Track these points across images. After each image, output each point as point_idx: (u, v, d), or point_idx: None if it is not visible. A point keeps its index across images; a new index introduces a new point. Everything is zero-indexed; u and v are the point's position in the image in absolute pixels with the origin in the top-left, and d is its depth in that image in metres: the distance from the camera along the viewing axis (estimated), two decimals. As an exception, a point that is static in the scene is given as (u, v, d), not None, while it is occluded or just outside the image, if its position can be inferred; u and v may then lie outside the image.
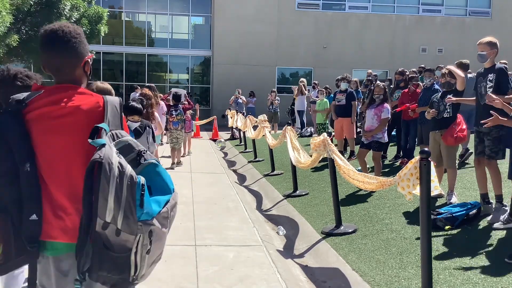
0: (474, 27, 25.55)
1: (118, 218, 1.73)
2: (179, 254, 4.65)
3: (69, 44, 1.99)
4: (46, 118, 1.90)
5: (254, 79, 24.14)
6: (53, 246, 1.90)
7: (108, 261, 1.77)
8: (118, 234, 1.74)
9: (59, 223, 1.89)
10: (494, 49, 4.96)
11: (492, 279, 3.71)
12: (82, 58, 2.04)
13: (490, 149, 4.88)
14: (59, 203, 1.89)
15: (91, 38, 16.67)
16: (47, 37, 1.99)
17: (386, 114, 7.12)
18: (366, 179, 4.37)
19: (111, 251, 1.76)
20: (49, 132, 1.90)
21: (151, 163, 1.88)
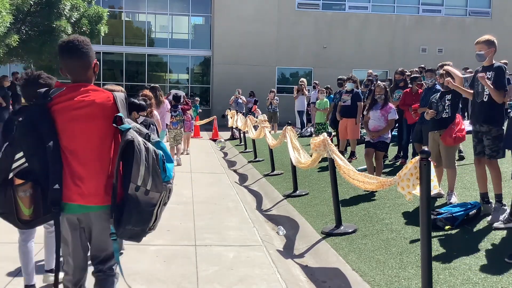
0: (474, 27, 25.53)
1: (148, 181, 2.36)
2: (179, 254, 4.66)
3: (83, 51, 2.52)
4: (68, 109, 2.44)
5: (254, 79, 24.14)
6: (71, 207, 2.44)
7: (136, 215, 2.37)
8: (147, 194, 2.37)
9: (77, 190, 2.43)
10: (491, 47, 4.95)
11: (492, 279, 3.71)
12: (92, 61, 2.58)
13: (491, 148, 4.87)
14: (78, 174, 2.44)
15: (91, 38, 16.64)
16: (65, 46, 2.52)
17: (393, 115, 7.13)
18: (366, 179, 4.37)
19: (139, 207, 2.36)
20: (71, 120, 2.44)
21: (157, 141, 2.55)
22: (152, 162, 2.39)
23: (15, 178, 2.38)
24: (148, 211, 2.42)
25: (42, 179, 2.41)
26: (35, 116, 2.40)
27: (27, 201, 2.41)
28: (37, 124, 2.39)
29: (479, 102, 4.99)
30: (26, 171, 2.40)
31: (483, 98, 4.94)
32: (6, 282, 3.83)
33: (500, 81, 4.79)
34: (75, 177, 2.43)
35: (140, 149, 2.35)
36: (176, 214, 6.20)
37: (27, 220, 2.46)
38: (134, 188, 2.34)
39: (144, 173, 2.35)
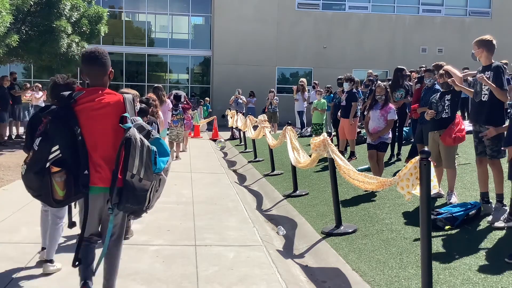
0: (474, 27, 25.53)
1: (141, 171, 2.90)
2: (179, 254, 4.66)
3: (102, 61, 3.12)
4: (89, 110, 3.00)
5: (254, 79, 24.15)
6: (93, 189, 3.02)
7: (132, 197, 2.92)
8: (140, 181, 2.92)
9: (98, 175, 3.02)
10: (481, 48, 4.97)
11: (492, 279, 3.71)
12: (108, 69, 3.17)
13: (491, 149, 4.88)
14: (97, 163, 3.02)
15: (91, 38, 16.62)
16: (88, 56, 3.13)
17: (393, 115, 7.11)
18: (366, 179, 4.37)
19: (135, 191, 2.91)
20: (90, 119, 3.00)
21: (156, 137, 3.14)
22: (145, 156, 2.93)
23: (52, 167, 2.91)
24: (142, 194, 2.97)
25: (73, 167, 2.96)
26: (64, 115, 2.96)
27: (62, 185, 2.97)
28: (67, 122, 2.95)
29: (478, 101, 5.00)
30: (60, 161, 2.91)
31: (482, 98, 4.95)
32: (6, 282, 3.83)
33: (498, 80, 4.79)
34: (96, 165, 3.02)
35: (136, 145, 2.89)
36: (176, 214, 6.20)
37: (60, 200, 3.02)
38: (130, 176, 2.89)
39: (138, 164, 2.90)
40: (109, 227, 3.06)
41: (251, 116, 13.17)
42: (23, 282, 3.83)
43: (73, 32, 14.90)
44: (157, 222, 5.79)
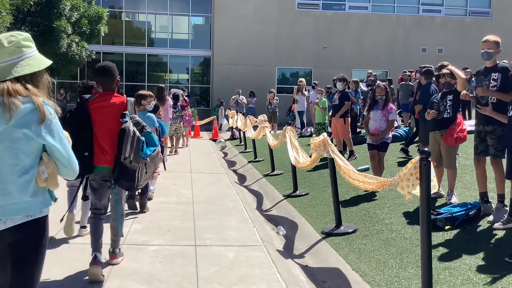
0: (474, 27, 25.54)
1: (132, 155, 3.77)
2: (179, 254, 4.66)
3: (110, 72, 4.07)
4: (100, 108, 3.96)
5: (254, 79, 24.14)
6: (98, 168, 3.96)
7: (125, 175, 3.83)
8: (130, 163, 3.79)
9: (103, 157, 3.94)
10: (499, 48, 4.96)
11: (492, 279, 3.71)
12: (116, 79, 4.11)
13: (495, 148, 4.86)
14: (104, 147, 3.94)
15: (91, 38, 16.65)
16: (100, 69, 4.07)
17: (394, 116, 7.10)
18: (366, 179, 4.37)
19: (127, 170, 3.80)
20: (101, 115, 3.95)
21: (148, 131, 4.01)
22: (135, 144, 3.81)
23: None
24: (132, 174, 3.86)
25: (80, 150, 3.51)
26: (78, 111, 3.93)
27: None
28: (79, 116, 3.90)
29: (484, 104, 4.98)
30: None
31: (489, 99, 4.93)
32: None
33: (508, 82, 4.79)
34: (102, 149, 3.93)
35: (129, 134, 3.77)
36: (176, 214, 6.20)
37: None
38: (123, 158, 3.79)
39: (129, 149, 3.78)
40: (115, 198, 4.14)
41: (251, 116, 13.17)
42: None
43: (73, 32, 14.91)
44: (157, 222, 5.79)
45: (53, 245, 4.76)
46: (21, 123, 2.13)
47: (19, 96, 2.12)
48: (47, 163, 2.23)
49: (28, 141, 2.16)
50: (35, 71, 2.22)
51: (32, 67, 2.22)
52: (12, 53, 2.20)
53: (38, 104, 2.14)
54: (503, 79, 4.82)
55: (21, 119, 2.12)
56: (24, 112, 2.13)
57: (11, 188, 2.15)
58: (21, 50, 2.22)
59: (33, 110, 2.14)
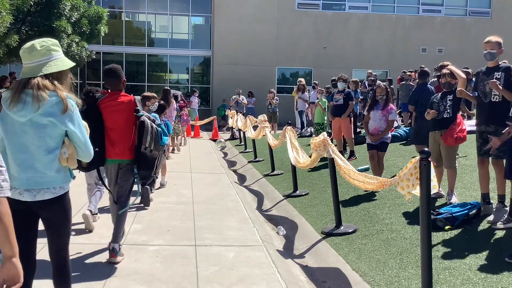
0: (474, 27, 25.54)
1: (152, 144, 4.20)
2: (179, 254, 4.66)
3: (117, 74, 4.45)
4: (109, 106, 4.35)
5: (254, 79, 24.14)
6: (109, 161, 4.38)
7: (146, 164, 4.25)
8: (151, 152, 4.21)
9: (113, 151, 4.32)
10: (501, 48, 4.96)
11: (492, 279, 3.71)
12: (122, 79, 4.47)
13: (497, 148, 4.85)
14: (113, 141, 4.29)
15: (91, 38, 16.62)
16: (108, 71, 4.46)
17: (394, 116, 7.10)
18: (366, 179, 4.37)
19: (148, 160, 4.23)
20: (110, 112, 4.34)
21: (159, 123, 4.47)
22: (154, 134, 4.26)
23: None
24: (151, 162, 4.30)
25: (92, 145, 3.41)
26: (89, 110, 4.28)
27: None
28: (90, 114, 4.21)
29: (488, 102, 4.97)
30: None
31: (491, 98, 4.92)
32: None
33: (510, 82, 4.79)
34: (113, 144, 4.29)
35: (148, 126, 4.21)
36: (176, 214, 6.20)
37: (85, 167, 3.85)
38: (144, 148, 4.20)
39: (149, 139, 4.21)
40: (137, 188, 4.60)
41: (251, 116, 13.18)
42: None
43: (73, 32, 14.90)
44: (157, 222, 5.79)
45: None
46: (47, 112, 2.61)
47: (46, 90, 2.60)
48: (68, 146, 2.71)
49: (53, 127, 2.64)
50: (60, 70, 2.72)
51: (58, 67, 2.71)
52: (43, 55, 2.68)
53: (62, 97, 2.63)
54: (506, 78, 4.81)
55: (48, 109, 2.60)
56: (51, 103, 2.61)
57: (38, 164, 2.65)
58: (50, 53, 2.71)
59: (58, 102, 2.63)
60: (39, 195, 2.64)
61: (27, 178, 2.64)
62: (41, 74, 2.65)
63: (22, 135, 2.64)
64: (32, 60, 2.68)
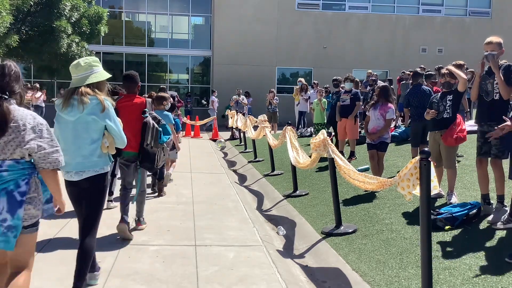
0: (474, 27, 25.54)
1: (152, 142, 4.93)
2: (179, 254, 4.66)
3: (134, 79, 5.20)
4: (126, 106, 5.01)
5: (254, 79, 24.14)
6: (125, 153, 4.78)
7: (148, 158, 4.96)
8: (151, 148, 4.95)
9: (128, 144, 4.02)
10: (502, 48, 4.96)
11: (492, 279, 3.71)
12: (137, 84, 5.23)
13: (497, 148, 4.84)
14: (128, 137, 4.00)
15: (91, 38, 16.64)
16: (127, 76, 5.19)
17: (391, 114, 7.09)
18: (366, 179, 4.37)
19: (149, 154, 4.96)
20: (126, 111, 4.91)
21: (163, 123, 5.27)
22: (155, 133, 4.99)
23: None
24: (152, 156, 5.01)
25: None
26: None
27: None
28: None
29: (489, 101, 4.96)
30: None
31: (494, 97, 4.92)
32: (6, 282, 3.83)
33: (509, 78, 4.79)
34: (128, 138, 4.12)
35: (149, 126, 4.95)
36: (176, 214, 6.20)
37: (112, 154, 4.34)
38: (145, 145, 4.94)
39: (150, 138, 4.94)
40: (139, 177, 5.24)
41: (251, 116, 13.18)
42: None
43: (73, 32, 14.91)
44: (157, 222, 5.79)
45: (54, 247, 4.76)
46: (90, 112, 3.45)
47: (88, 96, 3.43)
48: (107, 137, 3.57)
49: (95, 123, 3.49)
50: (99, 81, 3.56)
51: (97, 78, 3.55)
52: (86, 69, 3.52)
53: (100, 100, 3.47)
54: (504, 75, 4.81)
55: (90, 109, 3.44)
56: (92, 105, 3.44)
57: (85, 152, 3.49)
58: (92, 68, 3.54)
59: (98, 104, 3.47)
60: (84, 174, 3.49)
61: (76, 163, 3.48)
62: (84, 84, 3.47)
63: (73, 131, 3.50)
64: (78, 74, 3.52)
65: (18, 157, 2.73)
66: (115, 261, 4.41)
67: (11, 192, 2.70)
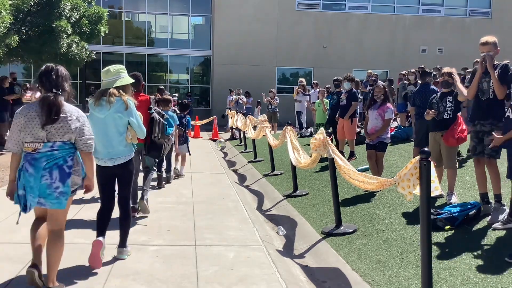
0: (474, 27, 25.54)
1: (159, 134, 5.55)
2: (179, 254, 4.66)
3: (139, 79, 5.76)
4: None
5: (254, 79, 24.14)
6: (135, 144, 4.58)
7: (156, 148, 5.59)
8: (158, 140, 5.56)
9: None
10: (498, 48, 4.95)
11: (492, 279, 3.71)
12: (141, 83, 5.95)
13: (491, 147, 4.86)
14: None
15: (91, 38, 16.62)
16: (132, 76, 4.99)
17: (390, 114, 7.07)
18: (366, 179, 4.37)
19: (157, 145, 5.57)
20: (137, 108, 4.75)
21: (167, 118, 6.24)
22: (161, 127, 5.56)
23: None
24: (159, 146, 5.60)
25: None
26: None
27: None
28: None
29: (484, 100, 4.96)
30: None
31: (490, 96, 4.92)
32: (7, 282, 3.84)
33: (505, 77, 4.79)
34: None
35: (156, 121, 5.51)
36: (176, 214, 6.20)
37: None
38: (153, 137, 5.47)
39: (157, 131, 5.50)
40: (147, 162, 6.27)
41: (251, 116, 13.18)
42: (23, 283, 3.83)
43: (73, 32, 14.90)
44: (157, 222, 5.79)
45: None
46: (116, 110, 4.22)
47: (114, 97, 4.21)
48: (130, 130, 4.34)
49: (120, 119, 4.26)
50: (124, 84, 4.38)
51: (123, 82, 4.36)
52: (114, 75, 4.33)
53: (124, 100, 4.24)
54: (501, 74, 4.81)
55: (116, 108, 4.21)
56: (118, 104, 4.22)
57: (114, 143, 4.27)
58: (119, 74, 4.36)
59: (122, 103, 4.24)
60: (116, 161, 4.30)
61: (107, 152, 4.28)
62: (112, 86, 4.26)
63: (103, 126, 4.25)
64: (107, 78, 4.30)
65: (66, 139, 3.54)
66: (115, 261, 4.41)
67: (61, 166, 3.53)
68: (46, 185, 3.47)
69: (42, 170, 3.46)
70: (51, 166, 3.49)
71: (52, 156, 3.49)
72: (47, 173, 3.48)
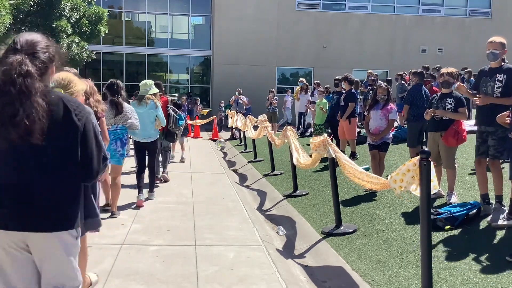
0: (474, 27, 25.54)
1: (173, 125, 8.08)
2: (179, 254, 4.66)
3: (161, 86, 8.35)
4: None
5: (254, 79, 24.14)
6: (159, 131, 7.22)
7: (170, 135, 8.18)
8: (172, 129, 8.09)
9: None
10: (505, 49, 4.93)
11: (492, 279, 3.71)
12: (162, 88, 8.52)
13: (495, 148, 4.84)
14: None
15: (91, 38, 16.64)
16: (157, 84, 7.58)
17: (394, 115, 7.05)
18: (373, 180, 4.35)
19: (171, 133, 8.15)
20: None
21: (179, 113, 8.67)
22: (175, 120, 7.95)
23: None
24: (173, 134, 8.09)
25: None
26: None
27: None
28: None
29: (489, 104, 4.95)
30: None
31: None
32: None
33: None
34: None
35: (172, 116, 7.88)
36: (176, 214, 6.20)
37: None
38: (169, 127, 7.85)
39: (172, 122, 7.89)
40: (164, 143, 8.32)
41: (251, 116, 13.17)
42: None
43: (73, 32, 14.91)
44: (157, 222, 5.79)
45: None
46: (150, 108, 6.70)
47: (148, 100, 6.72)
48: (157, 120, 6.75)
49: (152, 114, 6.70)
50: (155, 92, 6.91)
51: (153, 91, 6.89)
52: (148, 86, 6.90)
53: (155, 102, 6.76)
54: (508, 80, 4.79)
55: (150, 106, 6.70)
56: (151, 104, 6.71)
57: (148, 128, 6.65)
58: (151, 86, 6.93)
59: (153, 104, 6.74)
60: (148, 139, 6.70)
61: (144, 134, 6.59)
62: (147, 94, 6.73)
63: (142, 117, 6.39)
64: (145, 88, 6.83)
65: (124, 123, 5.89)
66: (115, 261, 4.41)
67: (121, 139, 5.89)
68: (112, 149, 5.69)
69: (111, 140, 5.59)
70: (115, 139, 5.81)
71: (116, 133, 5.83)
72: (113, 142, 5.76)
